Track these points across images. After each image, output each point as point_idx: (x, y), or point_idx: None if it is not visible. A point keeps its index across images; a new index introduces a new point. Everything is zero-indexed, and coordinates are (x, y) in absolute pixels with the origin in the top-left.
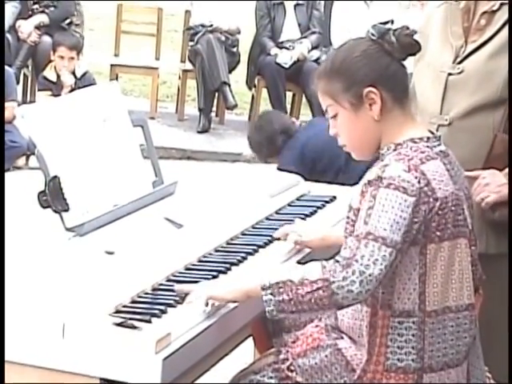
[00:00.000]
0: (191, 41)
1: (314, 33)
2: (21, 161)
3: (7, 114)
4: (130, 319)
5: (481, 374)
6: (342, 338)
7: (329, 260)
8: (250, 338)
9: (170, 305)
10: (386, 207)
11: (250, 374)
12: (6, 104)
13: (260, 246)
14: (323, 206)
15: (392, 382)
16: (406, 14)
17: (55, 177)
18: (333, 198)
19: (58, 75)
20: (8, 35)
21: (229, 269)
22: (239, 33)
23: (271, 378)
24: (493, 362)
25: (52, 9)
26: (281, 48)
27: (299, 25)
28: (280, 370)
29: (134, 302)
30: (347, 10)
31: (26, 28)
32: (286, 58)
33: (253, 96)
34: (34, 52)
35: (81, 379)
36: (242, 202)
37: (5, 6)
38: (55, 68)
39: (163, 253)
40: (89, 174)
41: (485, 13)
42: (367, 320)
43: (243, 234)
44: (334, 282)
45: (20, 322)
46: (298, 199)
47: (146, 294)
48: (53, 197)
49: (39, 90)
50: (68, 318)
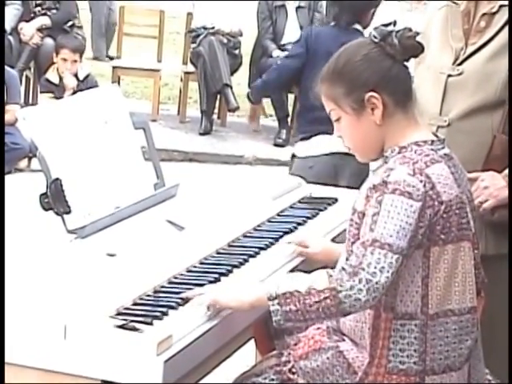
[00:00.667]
0: (193, 43)
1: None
2: (23, 163)
3: (9, 117)
4: (132, 321)
5: (482, 377)
6: (343, 340)
7: (335, 267)
8: (252, 340)
9: (171, 307)
10: (391, 213)
11: (252, 377)
12: (9, 107)
13: (261, 248)
14: (325, 208)
15: None
16: (408, 16)
17: (57, 179)
18: (334, 201)
19: (61, 77)
20: (10, 37)
21: (230, 271)
22: (241, 35)
23: (273, 380)
24: (492, 363)
25: (54, 11)
26: (283, 50)
27: (301, 27)
28: (282, 373)
29: (135, 304)
30: None
31: (28, 30)
32: None
33: None
34: (36, 54)
35: (82, 381)
36: (244, 204)
37: (7, 8)
38: (57, 70)
39: (165, 255)
40: (90, 176)
41: (484, 15)
42: (370, 322)
43: (245, 236)
44: (341, 290)
45: (22, 323)
46: (299, 201)
47: (148, 296)
48: (54, 199)
49: (41, 92)
50: (70, 320)
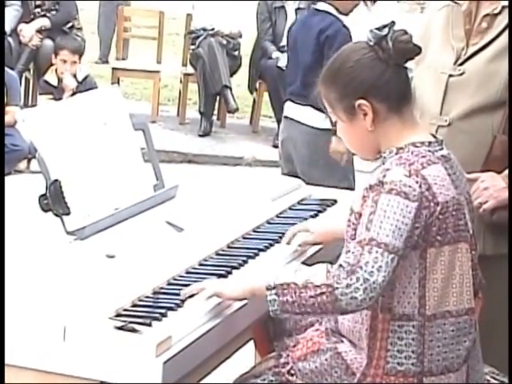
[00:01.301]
0: (193, 44)
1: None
2: (22, 164)
3: (9, 119)
4: (131, 322)
5: (480, 378)
6: (342, 341)
7: (334, 262)
8: (252, 341)
9: (170, 308)
10: (387, 213)
11: (251, 378)
12: (9, 108)
13: (261, 250)
14: (324, 209)
15: None
16: (407, 17)
17: (56, 180)
18: (334, 202)
19: (60, 79)
20: (10, 39)
21: (230, 272)
22: (241, 36)
23: (271, 381)
24: (492, 363)
25: (54, 12)
26: (282, 52)
27: None
28: (280, 374)
29: (134, 305)
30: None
31: (28, 32)
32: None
33: (254, 100)
34: (35, 56)
35: (81, 382)
36: (243, 205)
37: (7, 9)
38: (56, 72)
39: (164, 256)
40: (90, 177)
41: (486, 15)
42: (367, 323)
43: (244, 238)
44: (337, 288)
45: (21, 324)
46: (298, 203)
47: (147, 297)
48: (54, 200)
49: (40, 93)
50: (69, 321)
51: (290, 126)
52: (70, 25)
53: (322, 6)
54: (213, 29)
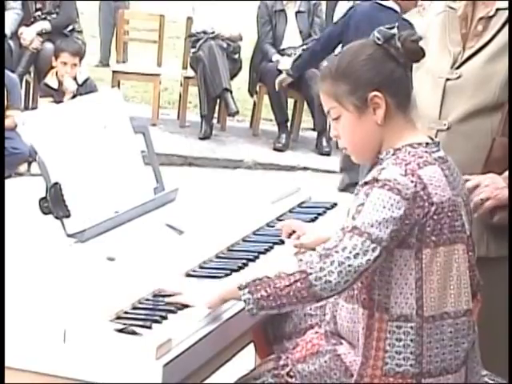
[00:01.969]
0: (193, 47)
1: (315, 40)
2: (22, 167)
3: (9, 122)
4: (131, 325)
5: (479, 380)
6: (341, 343)
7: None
8: (252, 344)
9: (170, 311)
10: (377, 206)
11: (250, 380)
12: (10, 112)
13: (261, 253)
14: (324, 212)
15: None
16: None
17: (56, 183)
18: (334, 205)
19: (60, 82)
20: (10, 42)
21: (229, 275)
22: (241, 39)
23: (271, 383)
24: (493, 366)
25: (54, 16)
26: (282, 55)
27: (300, 32)
28: (279, 376)
29: (134, 307)
30: None
31: (28, 35)
32: (287, 64)
33: (254, 103)
34: (36, 59)
35: None
36: (243, 208)
37: (7, 12)
38: (56, 75)
39: (164, 259)
40: (90, 180)
41: (481, 19)
42: (364, 322)
43: (244, 241)
44: (311, 273)
45: (21, 327)
46: (298, 206)
47: (147, 300)
48: (54, 203)
49: (41, 96)
50: (69, 324)
51: None
52: (70, 28)
53: (388, 3)
54: (213, 32)
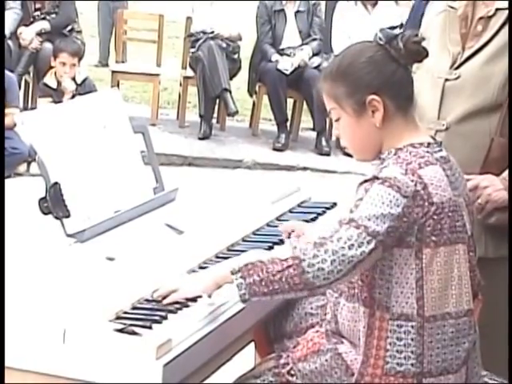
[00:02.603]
0: (192, 47)
1: (314, 39)
2: (22, 167)
3: (9, 121)
4: (131, 325)
5: (479, 380)
6: (342, 342)
7: None
8: (252, 342)
9: (170, 311)
10: (375, 201)
11: (251, 379)
12: (9, 110)
13: None
14: (324, 212)
15: None
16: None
17: (56, 183)
18: (333, 205)
19: (59, 82)
20: (9, 42)
21: None
22: (240, 39)
23: (271, 382)
24: (492, 365)
25: (53, 16)
26: (282, 55)
27: (300, 31)
28: (280, 375)
29: (134, 307)
30: (348, 17)
31: (28, 35)
32: (286, 64)
33: (254, 103)
34: (35, 59)
35: None
36: (243, 208)
37: (7, 12)
38: (55, 74)
39: (164, 259)
40: (90, 180)
41: (481, 18)
42: (365, 321)
43: (244, 241)
44: (304, 259)
45: (21, 327)
46: (298, 205)
47: (147, 300)
48: (54, 203)
49: (40, 96)
50: (69, 324)
51: None
52: (69, 28)
53: None
54: (212, 32)
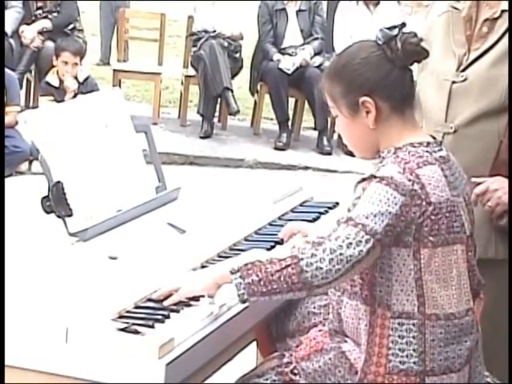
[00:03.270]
0: (194, 46)
1: (316, 39)
2: (23, 166)
3: (10, 119)
4: (133, 324)
5: (482, 380)
6: (345, 341)
7: None
8: (254, 342)
9: (173, 310)
10: (373, 199)
11: (254, 378)
12: (9, 108)
13: None
14: (326, 211)
15: None
16: (409, 20)
17: (58, 182)
18: (336, 204)
19: (61, 80)
20: (11, 40)
21: None
22: (242, 38)
23: (274, 381)
24: (497, 366)
25: (55, 14)
26: (283, 54)
27: (301, 31)
28: (283, 374)
29: (137, 307)
30: (350, 16)
31: (29, 33)
32: (288, 63)
33: (255, 102)
34: (36, 57)
35: (83, 383)
36: (245, 207)
37: (8, 11)
38: (57, 73)
39: (166, 258)
40: (92, 179)
41: (486, 20)
42: (366, 319)
43: (246, 240)
44: (302, 258)
45: (23, 326)
46: (301, 205)
47: (150, 299)
48: (56, 202)
49: (41, 95)
50: (71, 323)
51: None
52: (71, 26)
53: None
54: (214, 31)
